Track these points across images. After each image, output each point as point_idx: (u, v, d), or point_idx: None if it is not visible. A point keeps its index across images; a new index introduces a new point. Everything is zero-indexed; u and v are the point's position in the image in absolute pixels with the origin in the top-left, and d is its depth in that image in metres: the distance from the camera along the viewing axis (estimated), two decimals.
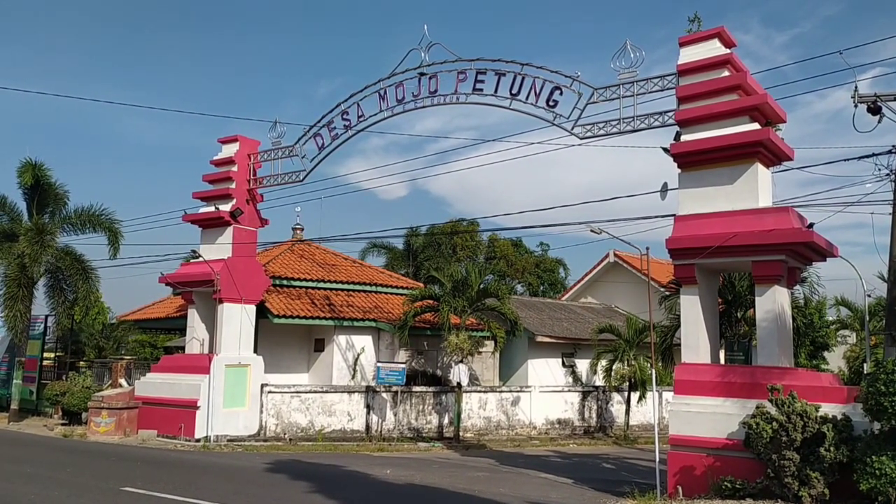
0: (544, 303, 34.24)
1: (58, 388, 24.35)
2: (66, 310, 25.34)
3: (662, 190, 14.30)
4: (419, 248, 39.74)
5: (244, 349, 21.46)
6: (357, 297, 25.91)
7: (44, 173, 24.06)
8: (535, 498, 12.40)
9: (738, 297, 18.75)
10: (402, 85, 18.21)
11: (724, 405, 12.53)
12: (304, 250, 27.93)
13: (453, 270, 25.31)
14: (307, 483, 13.30)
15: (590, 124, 15.71)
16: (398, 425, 22.47)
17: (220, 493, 11.87)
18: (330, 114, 19.76)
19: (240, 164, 21.89)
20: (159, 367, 22.58)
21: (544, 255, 52.43)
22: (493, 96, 16.87)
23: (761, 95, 13.51)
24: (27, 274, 23.62)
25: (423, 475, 14.99)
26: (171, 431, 20.33)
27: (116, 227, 24.70)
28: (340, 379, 23.66)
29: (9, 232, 24.47)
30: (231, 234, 21.55)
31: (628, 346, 24.67)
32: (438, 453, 20.05)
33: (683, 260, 13.50)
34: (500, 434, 23.83)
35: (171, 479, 13.47)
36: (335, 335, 23.96)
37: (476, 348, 23.00)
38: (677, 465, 12.73)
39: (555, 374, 28.14)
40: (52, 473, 14.00)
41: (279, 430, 21.29)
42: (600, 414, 26.03)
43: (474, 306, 22.88)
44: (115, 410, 20.87)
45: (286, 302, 23.23)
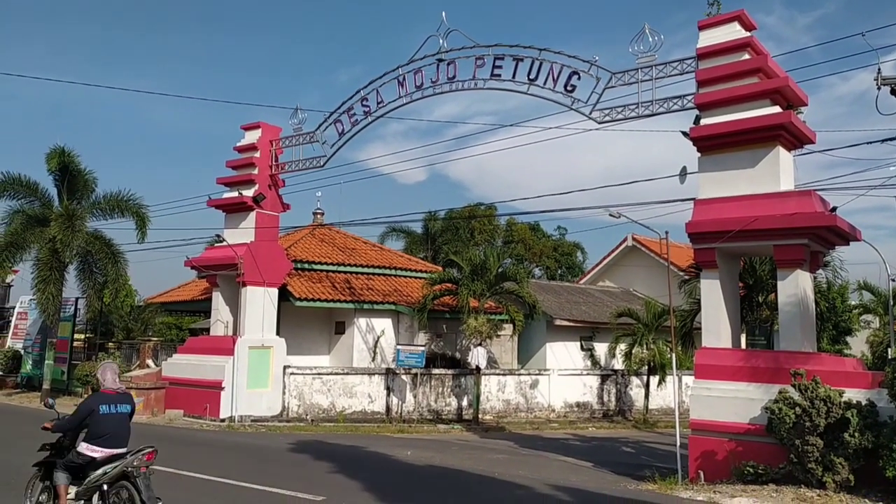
0: (562, 286, 34.25)
1: (88, 368, 24.75)
2: (95, 292, 25.68)
3: (682, 174, 14.25)
4: (437, 233, 39.85)
5: (267, 331, 21.76)
6: (377, 281, 26.11)
7: (72, 160, 24.36)
8: (555, 481, 12.50)
9: (760, 281, 18.65)
10: (421, 71, 18.26)
11: (746, 390, 12.51)
12: (324, 234, 28.16)
13: (472, 254, 25.39)
14: (329, 463, 13.49)
15: (608, 109, 15.67)
16: (418, 407, 22.70)
17: (246, 472, 12.09)
18: (350, 100, 19.87)
19: (262, 150, 22.09)
20: (185, 348, 22.98)
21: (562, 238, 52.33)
22: (511, 82, 16.86)
23: (782, 78, 13.40)
24: (59, 258, 23.96)
25: (444, 457, 15.18)
26: (197, 411, 20.72)
27: (144, 212, 25.01)
28: (361, 361, 23.91)
29: (40, 217, 24.81)
30: (254, 219, 21.81)
31: (647, 330, 24.67)
32: (458, 435, 20.25)
33: (704, 244, 13.48)
34: (519, 417, 24.00)
35: (197, 458, 13.74)
36: (355, 318, 24.19)
37: (495, 331, 23.12)
38: (698, 450, 12.76)
39: (573, 358, 28.19)
40: None
41: (301, 410, 21.61)
42: (619, 397, 26.10)
43: (493, 290, 22.97)
44: (143, 390, 21.26)
45: (307, 285, 23.48)
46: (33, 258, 24.66)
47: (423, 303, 23.01)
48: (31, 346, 28.82)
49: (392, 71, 18.71)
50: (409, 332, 25.03)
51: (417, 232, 40.12)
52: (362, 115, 19.66)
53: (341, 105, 20.03)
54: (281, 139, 22.19)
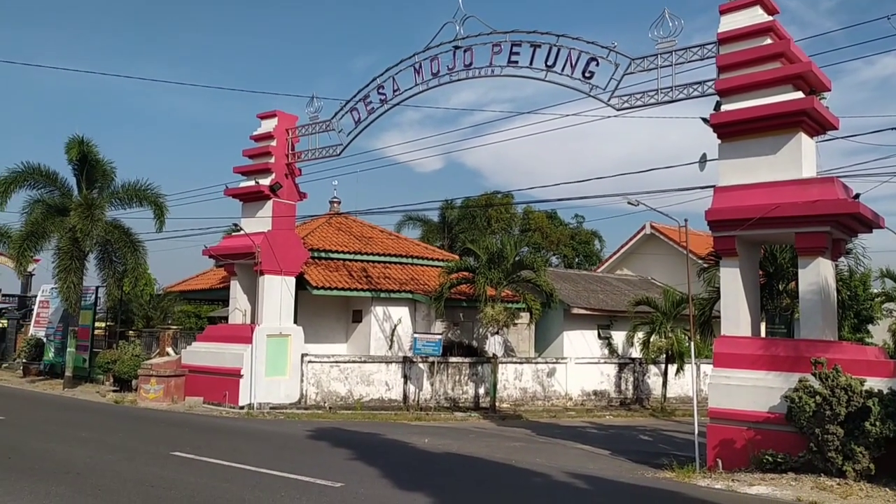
0: (580, 275, 34.15)
1: (109, 356, 25.13)
2: (115, 281, 25.99)
3: (701, 161, 14.08)
4: (454, 221, 39.82)
5: (285, 320, 21.88)
6: (393, 269, 26.15)
7: (91, 150, 24.58)
8: (572, 468, 12.49)
9: (780, 269, 18.49)
10: (437, 58, 18.15)
11: (765, 378, 12.43)
12: (341, 223, 28.23)
13: (489, 242, 25.36)
14: (348, 450, 13.56)
15: (627, 95, 15.51)
16: (435, 395, 22.76)
17: (266, 459, 12.18)
18: (366, 88, 19.81)
19: (278, 139, 22.13)
20: (204, 336, 23.15)
21: (579, 227, 52.14)
22: (528, 68, 16.69)
23: (805, 63, 13.20)
24: (79, 247, 24.25)
25: (461, 444, 15.21)
26: (217, 399, 20.90)
27: (162, 201, 25.31)
28: (378, 349, 24.00)
29: (60, 206, 25.10)
30: (271, 208, 21.88)
31: (665, 319, 24.55)
32: (475, 423, 20.29)
33: (724, 232, 13.36)
34: (536, 405, 24.00)
35: (217, 445, 13.88)
36: (372, 306, 24.26)
37: (512, 320, 23.09)
38: (717, 438, 12.70)
39: (590, 346, 28.14)
40: (105, 438, 14.49)
41: (319, 398, 21.74)
42: (637, 386, 26.04)
43: (510, 278, 22.93)
44: (163, 378, 21.50)
45: (324, 274, 23.57)
46: (54, 247, 25.00)
47: (440, 291, 23.01)
48: (53, 334, 29.19)
49: (408, 58, 18.63)
50: (426, 320, 25.06)
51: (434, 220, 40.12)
52: (378, 103, 19.62)
53: (357, 93, 20.01)
54: (297, 128, 22.22)
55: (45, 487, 9.54)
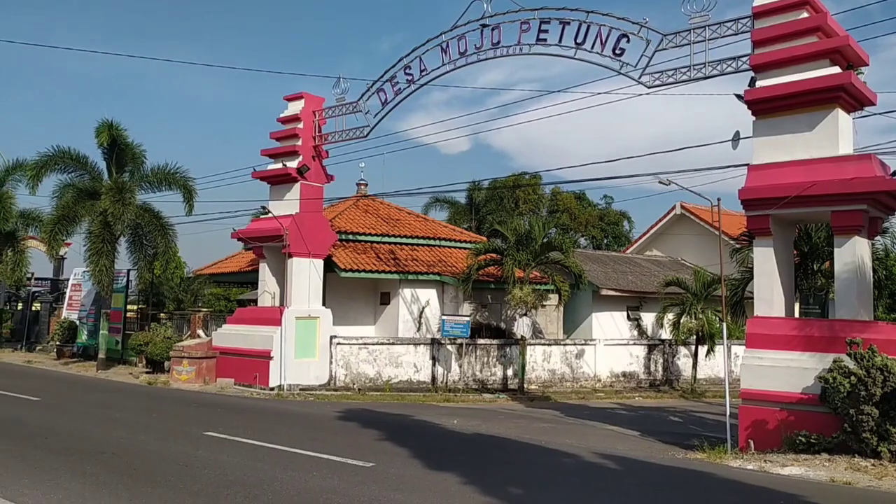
0: (608, 256, 33.90)
1: (141, 338, 25.47)
2: (146, 264, 26.23)
3: (734, 139, 13.82)
4: (481, 203, 39.74)
5: (313, 302, 21.99)
6: (421, 251, 26.14)
7: (120, 133, 24.68)
8: (602, 449, 12.45)
9: (815, 248, 18.15)
10: (465, 37, 17.98)
11: (799, 359, 12.26)
12: (368, 205, 28.25)
13: (516, 224, 25.21)
14: (377, 431, 13.63)
15: (658, 72, 15.25)
16: (463, 377, 22.78)
17: (297, 439, 12.30)
18: (393, 69, 19.70)
19: (305, 121, 22.13)
20: (234, 319, 23.35)
21: (608, 207, 51.71)
22: (557, 46, 16.45)
23: (842, 37, 12.87)
24: (110, 230, 24.46)
25: (490, 425, 15.21)
26: (247, 380, 21.12)
27: (191, 184, 25.42)
28: (406, 331, 24.05)
29: (91, 190, 25.31)
30: (298, 191, 21.92)
31: (696, 300, 24.28)
32: (503, 405, 20.28)
33: (758, 211, 13.13)
34: (565, 386, 23.93)
35: (249, 425, 14.02)
36: (400, 288, 24.29)
37: (540, 302, 23.01)
38: (749, 420, 12.57)
39: (619, 328, 27.98)
40: (139, 418, 14.70)
41: (348, 380, 21.87)
42: (666, 367, 25.84)
43: (538, 260, 22.79)
44: (194, 360, 21.78)
45: (352, 256, 23.62)
46: (85, 231, 25.28)
47: (468, 273, 22.96)
48: (85, 316, 29.64)
49: (435, 38, 18.48)
50: (454, 302, 25.04)
51: (461, 202, 40.07)
52: (405, 84, 19.50)
53: (384, 74, 19.90)
54: (324, 109, 22.21)
55: (81, 467, 9.71)
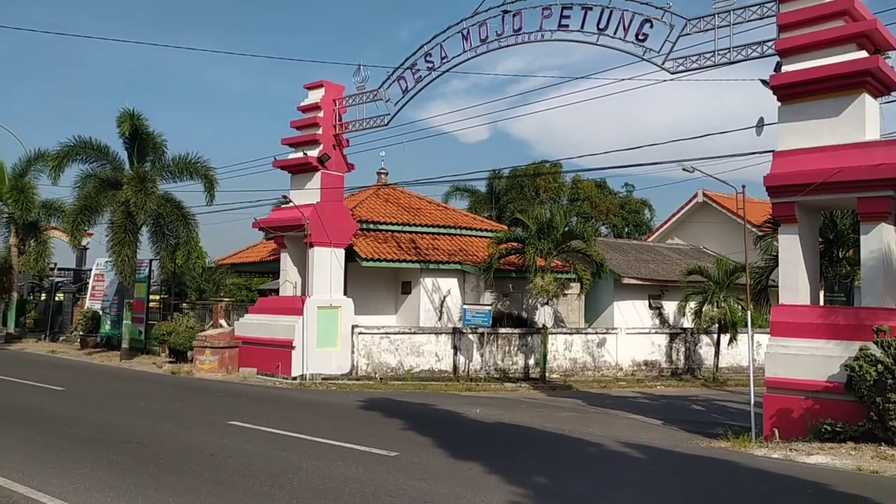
0: (630, 244, 33.72)
1: (164, 328, 25.59)
2: (168, 254, 26.32)
3: (758, 125, 13.62)
4: (502, 191, 39.60)
5: (335, 291, 22.04)
6: (442, 241, 26.11)
7: (142, 123, 24.70)
8: (626, 438, 12.41)
9: (840, 235, 17.91)
10: (486, 24, 17.83)
11: (824, 347, 12.13)
12: (389, 194, 28.24)
13: (537, 212, 25.10)
14: (400, 420, 13.66)
15: (682, 58, 15.03)
16: (485, 366, 22.78)
17: (320, 429, 12.34)
18: (413, 56, 19.61)
19: (325, 110, 22.10)
20: (256, 308, 23.46)
21: (629, 196, 51.36)
22: (579, 32, 16.25)
23: (869, 21, 12.64)
24: (132, 220, 24.51)
25: (512, 414, 15.21)
26: (270, 369, 21.24)
27: (212, 174, 25.48)
28: (427, 321, 24.07)
29: (112, 180, 25.38)
30: (319, 180, 21.93)
31: (718, 288, 24.12)
32: (525, 394, 20.26)
33: (783, 198, 12.96)
34: (586, 375, 23.86)
35: (272, 415, 14.10)
36: (421, 278, 24.29)
37: (561, 290, 22.94)
38: (773, 408, 12.47)
39: (641, 316, 27.86)
40: (163, 408, 14.80)
41: (370, 369, 21.94)
42: (688, 356, 25.69)
43: (559, 248, 22.69)
44: (217, 349, 21.92)
45: (373, 245, 23.64)
46: (107, 221, 25.36)
47: (489, 262, 22.91)
48: (108, 306, 29.85)
49: (456, 24, 18.33)
50: (476, 291, 25.02)
51: (481, 191, 39.96)
52: (426, 72, 19.40)
53: (405, 61, 19.81)
54: (344, 98, 22.18)
55: (106, 456, 9.77)
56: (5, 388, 17.13)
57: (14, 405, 14.56)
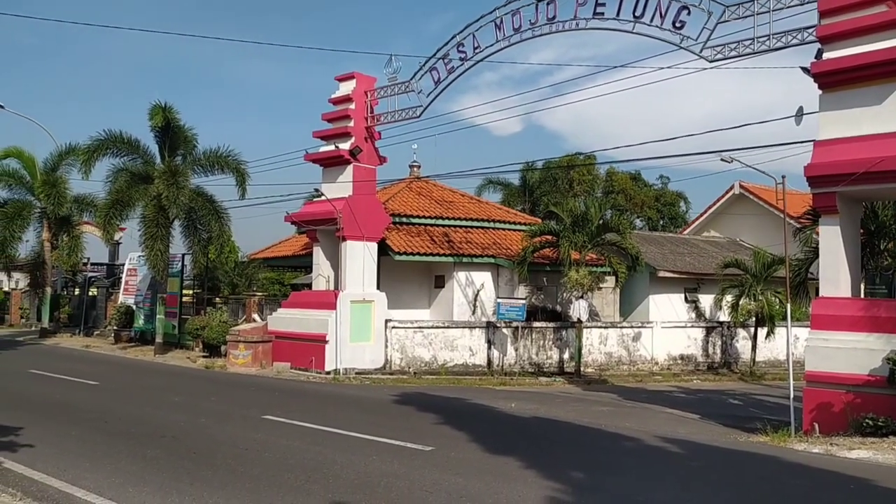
0: (665, 237, 33.34)
1: (198, 322, 25.73)
2: (201, 248, 26.25)
3: (798, 115, 13.31)
4: (535, 184, 39.35)
5: (368, 285, 22.03)
6: (475, 234, 26.00)
7: (173, 116, 24.59)
8: (662, 432, 12.24)
9: (882, 226, 17.41)
10: (519, 13, 17.59)
11: (866, 340, 11.87)
12: (421, 187, 28.18)
13: (572, 205, 24.87)
14: (434, 414, 13.62)
15: (720, 46, 14.71)
16: (519, 360, 22.66)
17: (354, 423, 12.32)
18: (445, 46, 19.44)
19: (357, 102, 22.02)
20: (289, 303, 23.54)
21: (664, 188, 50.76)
22: (614, 20, 15.94)
23: None
24: (165, 214, 24.55)
25: (547, 408, 15.10)
26: (303, 364, 21.30)
27: (243, 167, 25.29)
28: (461, 315, 23.99)
29: (144, 174, 25.32)
30: (351, 173, 21.88)
31: (755, 281, 23.72)
32: (560, 388, 20.11)
33: (824, 188, 12.63)
34: (622, 369, 23.63)
35: (306, 409, 14.14)
36: (455, 271, 24.21)
37: (596, 284, 22.71)
38: (813, 402, 12.24)
39: (677, 310, 27.54)
40: (197, 402, 14.86)
41: (403, 363, 21.93)
42: (725, 350, 25.32)
43: (594, 241, 22.46)
44: (251, 344, 22.03)
45: (406, 239, 23.61)
46: (139, 216, 25.25)
47: (523, 255, 22.75)
48: (142, 301, 29.93)
49: (489, 14, 18.11)
50: (509, 285, 24.88)
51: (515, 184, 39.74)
52: (458, 62, 19.22)
53: (437, 52, 19.63)
54: (376, 90, 22.04)
55: (141, 450, 9.81)
56: (40, 383, 17.32)
57: (49, 399, 14.68)
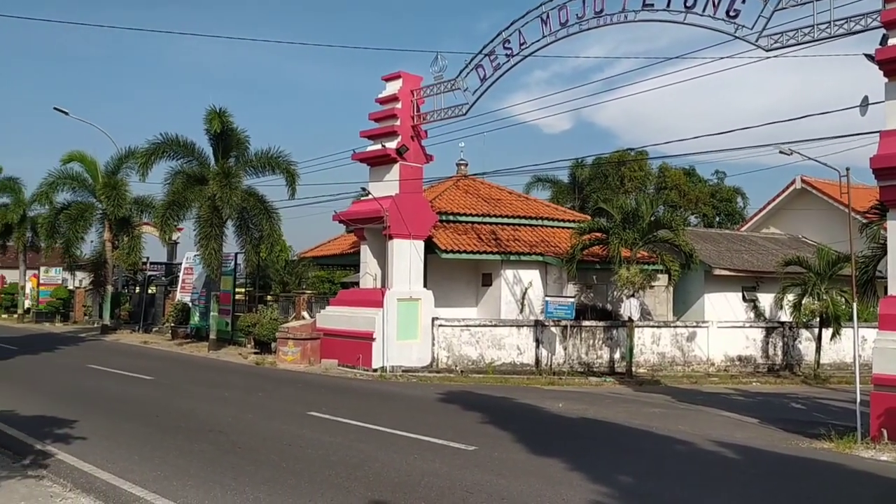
0: (721, 234, 32.42)
1: (249, 319, 26.18)
2: (252, 247, 26.85)
3: (863, 104, 12.60)
4: (585, 181, 38.81)
5: (414, 284, 21.92)
6: (523, 232, 25.65)
7: (227, 120, 25.30)
8: (718, 437, 11.74)
9: None
10: (566, 7, 17.17)
11: None
12: (468, 185, 27.95)
13: (622, 201, 24.37)
14: (480, 413, 13.40)
15: (777, 34, 14.07)
16: (568, 360, 22.24)
17: (399, 421, 12.21)
18: (491, 43, 19.19)
19: (403, 101, 21.96)
20: (337, 300, 23.61)
21: (720, 183, 49.48)
22: (665, 11, 15.41)
23: None
24: (218, 215, 25.21)
25: (597, 409, 14.69)
26: (350, 361, 21.30)
27: (293, 168, 25.81)
28: (508, 313, 23.68)
29: (198, 176, 26.10)
30: (398, 171, 21.81)
31: (819, 280, 22.82)
32: (610, 388, 19.64)
33: (891, 180, 11.97)
34: (675, 370, 22.98)
35: (351, 406, 14.07)
36: (502, 269, 23.91)
37: (648, 282, 22.12)
38: (882, 407, 11.54)
39: (734, 309, 26.69)
40: (246, 398, 15.05)
41: (450, 362, 21.73)
42: (786, 351, 24.42)
43: (645, 238, 21.91)
44: (299, 341, 22.17)
45: (453, 237, 23.41)
46: (194, 216, 26.08)
47: (572, 253, 22.33)
48: (197, 298, 30.70)
49: (535, 9, 17.77)
50: (558, 283, 24.47)
51: (564, 181, 39.28)
52: (504, 58, 18.94)
53: (483, 48, 19.42)
54: (422, 88, 21.96)
55: (189, 445, 9.98)
56: (99, 378, 17.74)
57: (106, 394, 15.05)
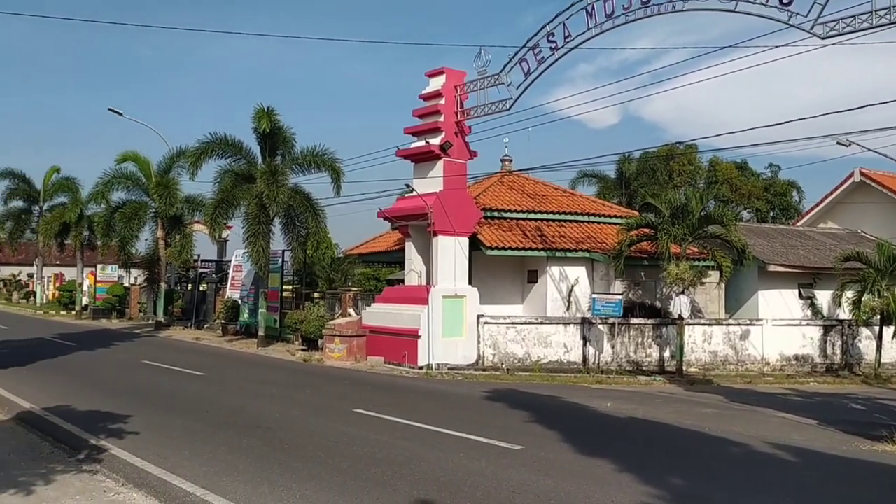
0: (776, 229, 31.52)
1: (297, 316, 26.40)
2: (299, 245, 27.20)
3: None
4: (632, 176, 38.11)
5: (459, 281, 21.78)
6: (569, 228, 25.26)
7: (275, 118, 25.55)
8: (775, 439, 11.31)
9: None
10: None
11: None
12: (513, 181, 27.66)
13: (671, 196, 23.79)
14: (526, 412, 13.21)
15: (833, 21, 13.57)
16: (616, 358, 21.83)
17: (444, 419, 12.11)
18: (535, 37, 18.95)
19: (447, 97, 21.82)
20: (382, 298, 23.61)
21: (774, 177, 48.14)
22: None
23: None
24: (266, 212, 25.50)
25: (646, 409, 14.33)
26: (396, 359, 21.26)
27: (338, 165, 26.01)
28: (555, 310, 23.35)
29: (246, 174, 26.45)
30: (442, 168, 21.69)
31: (880, 276, 21.98)
32: (660, 388, 19.19)
33: None
34: (728, 369, 22.37)
35: (397, 404, 14.01)
36: (548, 266, 23.59)
37: (698, 279, 21.54)
38: None
39: (790, 307, 25.86)
40: (293, 394, 15.15)
41: (496, 359, 21.53)
42: (845, 350, 23.59)
43: (695, 234, 21.36)
44: (345, 338, 22.22)
45: (498, 234, 23.17)
46: (243, 214, 26.42)
47: (619, 249, 21.90)
48: (246, 296, 31.10)
49: (580, 1, 17.49)
50: (605, 280, 24.03)
51: (610, 176, 38.66)
52: (549, 52, 18.67)
53: (527, 42, 19.17)
54: (465, 84, 21.78)
55: (237, 440, 10.07)
56: (152, 373, 18.08)
57: (158, 389, 15.31)
